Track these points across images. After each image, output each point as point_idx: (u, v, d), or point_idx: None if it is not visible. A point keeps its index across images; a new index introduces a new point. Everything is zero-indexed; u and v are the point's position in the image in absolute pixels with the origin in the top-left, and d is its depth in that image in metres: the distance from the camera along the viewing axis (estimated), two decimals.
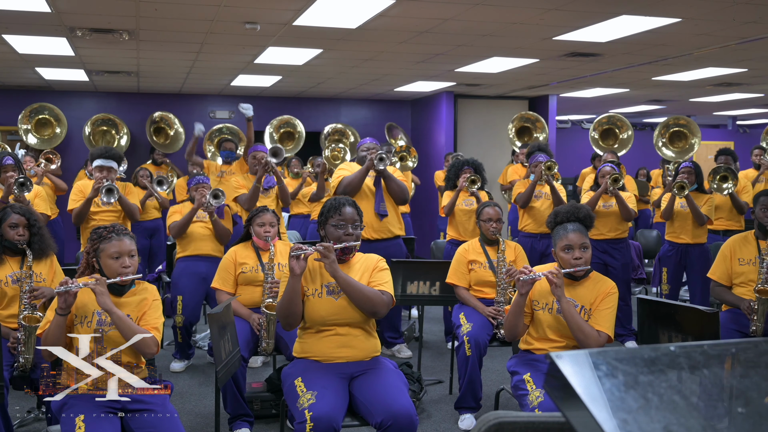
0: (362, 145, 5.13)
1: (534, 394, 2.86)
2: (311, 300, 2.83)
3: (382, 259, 2.99)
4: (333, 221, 2.87)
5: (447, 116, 10.05)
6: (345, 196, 3.05)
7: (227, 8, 5.11)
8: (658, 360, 0.91)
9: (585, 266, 2.95)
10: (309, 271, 2.87)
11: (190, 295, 4.75)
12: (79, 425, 2.45)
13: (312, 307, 2.82)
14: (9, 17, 5.41)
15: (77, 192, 4.95)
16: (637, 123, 15.45)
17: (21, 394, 3.72)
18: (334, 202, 2.92)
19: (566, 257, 2.95)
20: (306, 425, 2.48)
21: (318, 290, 2.84)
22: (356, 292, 2.75)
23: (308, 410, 2.52)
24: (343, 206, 2.90)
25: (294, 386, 2.70)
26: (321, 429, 2.48)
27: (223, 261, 3.99)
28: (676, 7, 5.10)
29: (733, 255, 3.91)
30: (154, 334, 2.69)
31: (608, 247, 5.37)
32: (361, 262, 2.95)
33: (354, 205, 2.94)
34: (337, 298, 2.81)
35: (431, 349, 5.38)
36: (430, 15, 5.34)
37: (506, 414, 1.34)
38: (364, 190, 4.90)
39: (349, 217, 2.88)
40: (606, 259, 5.36)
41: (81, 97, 9.92)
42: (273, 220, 4.02)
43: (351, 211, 2.90)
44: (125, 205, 4.94)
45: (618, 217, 5.33)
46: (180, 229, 4.80)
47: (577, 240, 2.95)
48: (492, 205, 4.35)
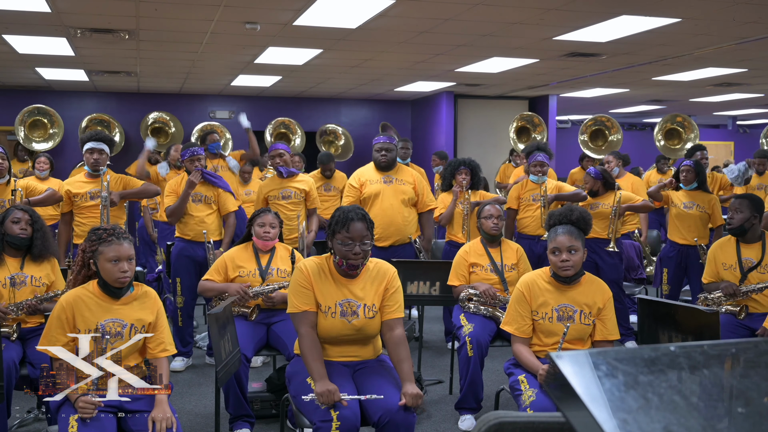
0: (376, 144, 5.11)
1: (527, 394, 2.88)
2: (324, 317, 2.77)
3: (394, 271, 2.90)
4: (340, 238, 2.71)
5: (447, 116, 10.06)
6: (356, 207, 2.81)
7: (227, 8, 5.11)
8: (658, 360, 0.91)
9: (573, 269, 2.97)
10: (323, 282, 2.79)
11: (188, 276, 4.79)
12: (72, 424, 2.45)
13: (322, 324, 2.77)
14: (9, 17, 5.41)
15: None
16: (637, 123, 15.46)
17: (21, 394, 3.71)
18: (343, 215, 2.74)
19: (554, 260, 2.99)
20: (332, 423, 2.49)
21: (331, 308, 2.76)
22: (402, 356, 2.75)
23: (333, 409, 2.53)
24: (351, 221, 2.71)
25: (306, 384, 2.68)
26: (347, 427, 2.49)
27: (219, 259, 3.98)
28: (676, 7, 5.10)
29: (717, 260, 4.03)
30: (168, 353, 2.81)
31: (596, 247, 5.36)
32: (370, 272, 2.85)
33: (364, 219, 2.75)
34: (351, 320, 2.76)
35: (431, 349, 5.38)
36: (430, 15, 5.34)
37: (506, 414, 1.34)
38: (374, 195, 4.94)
39: (357, 234, 2.70)
40: (595, 258, 5.36)
41: (81, 97, 9.92)
42: (274, 221, 4.01)
43: (360, 226, 2.71)
44: (137, 191, 4.93)
45: (606, 217, 5.35)
46: (176, 212, 4.78)
47: (566, 242, 2.95)
48: (492, 203, 4.36)
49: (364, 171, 5.18)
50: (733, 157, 15.49)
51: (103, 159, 4.74)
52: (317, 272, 2.79)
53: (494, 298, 3.94)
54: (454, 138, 10.20)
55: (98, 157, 4.71)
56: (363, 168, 5.25)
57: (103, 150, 4.74)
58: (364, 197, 5.02)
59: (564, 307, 3.02)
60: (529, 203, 5.50)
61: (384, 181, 5.04)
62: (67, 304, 2.68)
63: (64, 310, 2.66)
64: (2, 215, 3.55)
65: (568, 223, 3.04)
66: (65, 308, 2.67)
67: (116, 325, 2.70)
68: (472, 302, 3.95)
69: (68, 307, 2.67)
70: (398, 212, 4.99)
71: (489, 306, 3.93)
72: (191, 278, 4.78)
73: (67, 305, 2.67)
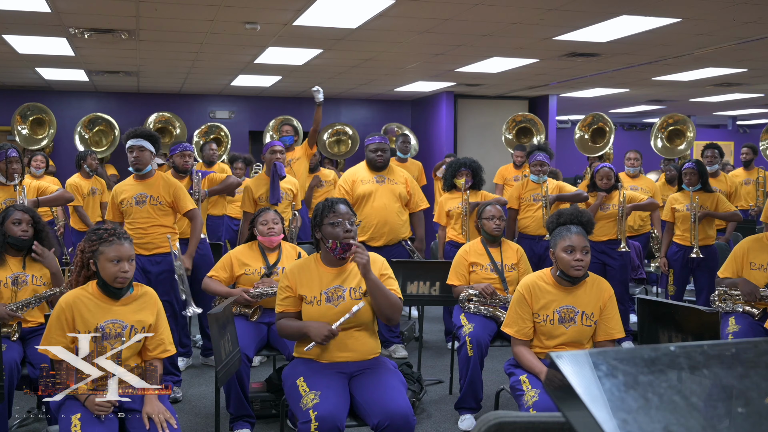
0: (370, 144, 5.10)
1: (529, 394, 2.88)
2: (310, 308, 2.82)
3: (385, 261, 2.96)
4: (329, 220, 2.82)
5: (447, 116, 10.05)
6: (335, 197, 3.00)
7: (227, 8, 5.11)
8: (658, 360, 0.91)
9: (584, 270, 2.96)
10: (307, 277, 2.86)
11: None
12: (75, 423, 2.45)
13: (310, 315, 2.82)
14: (9, 17, 5.41)
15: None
16: (637, 123, 15.46)
17: (21, 394, 3.71)
18: (326, 202, 2.88)
19: (567, 258, 2.94)
20: (311, 425, 2.49)
21: (317, 297, 2.82)
22: (383, 296, 2.75)
23: (312, 410, 2.53)
24: (336, 204, 2.86)
25: (296, 386, 2.71)
26: (326, 429, 2.49)
27: (225, 256, 3.99)
28: (676, 7, 5.10)
29: (745, 257, 3.82)
30: (168, 353, 2.82)
31: (606, 248, 5.37)
32: None
33: (347, 203, 2.90)
34: (336, 304, 2.80)
35: (431, 349, 5.38)
36: (430, 15, 5.34)
37: (506, 414, 1.34)
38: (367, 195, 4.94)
39: (344, 213, 2.83)
40: (604, 259, 5.35)
41: (81, 97, 9.92)
42: (276, 218, 4.02)
43: (345, 208, 2.86)
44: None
45: (615, 220, 5.33)
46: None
47: (580, 242, 2.94)
48: (494, 203, 4.36)
49: (356, 171, 5.18)
50: (733, 157, 15.48)
51: (145, 156, 4.30)
52: (299, 271, 2.88)
53: (493, 296, 3.94)
54: (454, 138, 10.19)
55: (138, 155, 4.28)
56: (354, 168, 5.26)
57: (144, 147, 4.30)
58: (355, 197, 5.01)
59: (566, 308, 3.01)
60: (529, 203, 5.50)
61: (376, 180, 5.05)
62: (66, 305, 2.67)
63: (63, 311, 2.66)
64: (1, 216, 3.54)
65: (579, 224, 3.03)
66: (65, 309, 2.66)
67: (116, 327, 2.69)
68: (472, 302, 3.95)
69: (68, 308, 2.66)
70: (392, 212, 4.99)
71: (489, 306, 3.93)
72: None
73: (66, 306, 2.67)
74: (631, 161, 6.47)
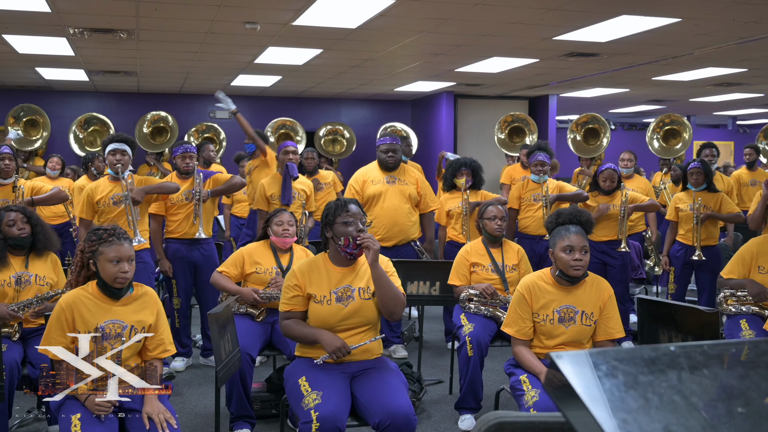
0: (382, 144, 5.09)
1: (529, 394, 2.87)
2: (319, 307, 2.81)
3: (389, 261, 2.97)
4: (341, 219, 2.82)
5: (447, 116, 10.06)
6: (347, 197, 2.99)
7: (227, 8, 5.11)
8: (658, 360, 0.91)
9: (583, 269, 2.96)
10: (316, 276, 2.85)
11: (183, 278, 4.78)
12: (75, 423, 2.45)
13: (319, 314, 2.81)
14: (9, 17, 5.41)
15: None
16: (637, 123, 15.46)
17: (21, 394, 3.71)
18: (338, 202, 2.88)
19: (566, 258, 2.94)
20: (312, 425, 2.49)
21: (326, 297, 2.81)
22: (388, 289, 2.76)
23: (314, 410, 2.53)
24: (348, 204, 2.86)
25: (298, 386, 2.70)
26: (327, 429, 2.49)
27: (237, 252, 3.98)
28: (676, 7, 5.10)
29: (753, 260, 3.74)
30: (168, 353, 2.82)
31: (607, 248, 5.36)
32: (363, 263, 2.91)
33: (358, 204, 2.91)
34: (347, 304, 2.80)
35: (431, 349, 5.38)
36: (430, 15, 5.34)
37: (506, 414, 1.34)
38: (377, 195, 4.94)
39: (356, 213, 2.84)
40: (605, 259, 5.35)
41: (81, 97, 9.92)
42: (291, 219, 4.01)
43: (356, 208, 2.86)
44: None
45: (615, 220, 5.33)
46: None
47: (579, 242, 2.94)
48: (495, 204, 4.35)
49: (366, 171, 5.17)
50: (733, 157, 15.48)
51: (125, 161, 4.46)
52: (308, 270, 2.87)
53: (494, 296, 3.94)
54: (454, 138, 10.20)
55: (120, 158, 4.43)
56: (365, 168, 5.24)
57: (125, 151, 4.47)
58: (366, 198, 5.01)
59: (566, 308, 3.01)
60: (530, 203, 5.49)
61: (387, 181, 5.04)
62: (66, 305, 2.67)
63: (63, 311, 2.66)
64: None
65: (578, 223, 3.03)
66: (65, 309, 2.66)
67: (116, 327, 2.69)
68: (472, 302, 3.95)
69: (68, 309, 2.66)
70: (401, 212, 4.99)
71: (489, 306, 3.93)
72: (186, 280, 4.79)
73: (66, 306, 2.67)
74: (624, 162, 6.45)
